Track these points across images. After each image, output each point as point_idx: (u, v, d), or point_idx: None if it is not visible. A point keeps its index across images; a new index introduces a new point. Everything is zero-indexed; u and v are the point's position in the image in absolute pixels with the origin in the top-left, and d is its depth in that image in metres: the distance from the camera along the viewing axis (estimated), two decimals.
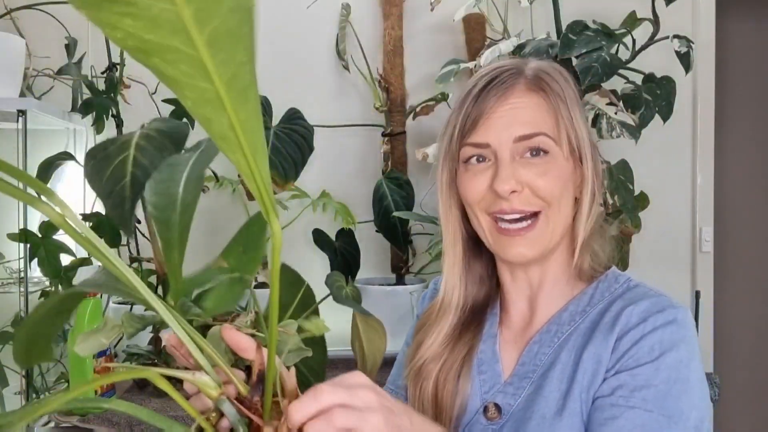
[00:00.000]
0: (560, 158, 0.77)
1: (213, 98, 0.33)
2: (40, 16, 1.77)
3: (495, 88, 0.77)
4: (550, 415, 0.74)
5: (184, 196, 0.49)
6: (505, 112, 0.76)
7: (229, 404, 0.49)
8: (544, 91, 0.77)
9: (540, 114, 0.76)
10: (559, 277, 0.82)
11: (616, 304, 0.77)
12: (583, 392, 0.73)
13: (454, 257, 0.85)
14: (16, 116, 1.60)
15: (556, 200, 0.76)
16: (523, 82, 0.78)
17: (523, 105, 0.76)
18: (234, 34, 0.31)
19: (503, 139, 0.76)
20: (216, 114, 0.34)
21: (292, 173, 1.63)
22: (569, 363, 0.76)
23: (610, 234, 0.86)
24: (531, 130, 0.75)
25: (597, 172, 0.80)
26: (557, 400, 0.75)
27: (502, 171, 0.75)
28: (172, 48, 0.31)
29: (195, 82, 0.32)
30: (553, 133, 0.76)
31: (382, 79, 2.05)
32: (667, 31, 1.76)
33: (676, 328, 0.72)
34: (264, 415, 0.49)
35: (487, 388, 0.81)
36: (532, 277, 0.83)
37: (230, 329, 0.52)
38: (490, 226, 0.79)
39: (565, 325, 0.80)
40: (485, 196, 0.77)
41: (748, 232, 2.64)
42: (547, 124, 0.76)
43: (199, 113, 0.34)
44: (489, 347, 0.84)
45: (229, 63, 0.32)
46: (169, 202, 0.48)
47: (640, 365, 0.71)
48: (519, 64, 0.81)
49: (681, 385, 0.70)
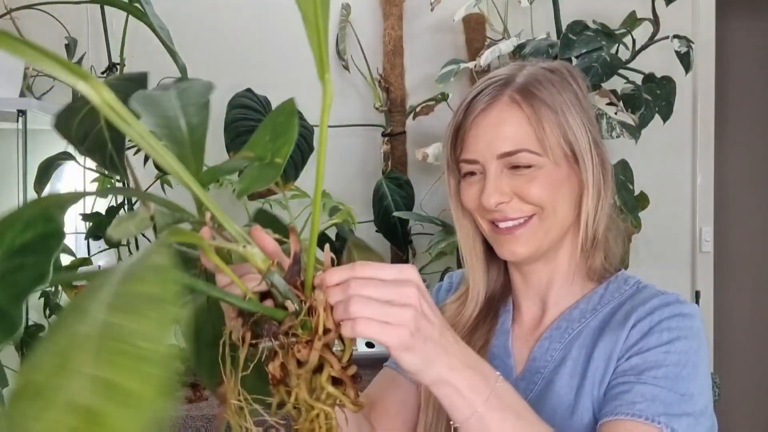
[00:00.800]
0: (548, 166, 0.77)
1: None
2: (40, 16, 1.77)
3: (479, 102, 0.79)
4: (562, 410, 0.76)
5: (189, 119, 0.48)
6: (488, 129, 0.78)
7: (279, 276, 0.49)
8: (529, 102, 0.77)
9: (521, 128, 0.77)
10: (569, 275, 0.84)
11: (626, 304, 0.79)
12: (594, 388, 0.75)
13: (474, 252, 0.87)
14: (16, 116, 1.60)
15: (548, 204, 0.77)
16: (507, 95, 0.78)
17: (504, 120, 0.77)
18: None
19: (488, 155, 0.78)
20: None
21: (292, 173, 1.63)
22: (580, 359, 0.78)
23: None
24: (512, 147, 0.77)
25: (605, 170, 0.80)
26: (568, 395, 0.76)
27: (488, 185, 0.77)
28: None
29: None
30: (536, 146, 0.77)
31: (382, 79, 2.05)
32: (667, 31, 1.76)
33: (684, 319, 0.74)
34: (306, 291, 0.50)
35: None
36: (541, 276, 0.84)
37: (259, 229, 0.51)
38: (488, 228, 0.81)
39: (575, 322, 0.81)
40: (479, 206, 0.80)
41: (748, 232, 2.64)
42: (530, 138, 0.77)
43: None
44: (501, 342, 0.86)
45: None
46: (168, 121, 0.48)
47: (650, 349, 0.73)
48: (511, 72, 0.81)
49: (691, 369, 0.72)
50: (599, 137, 0.82)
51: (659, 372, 0.71)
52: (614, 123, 1.64)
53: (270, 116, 0.51)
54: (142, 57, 1.93)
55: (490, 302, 0.88)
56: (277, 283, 0.49)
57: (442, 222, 1.82)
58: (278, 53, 2.10)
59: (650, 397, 0.70)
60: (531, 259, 0.82)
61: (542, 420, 0.64)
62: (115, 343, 0.25)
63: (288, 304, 0.49)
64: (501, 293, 0.90)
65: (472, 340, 0.85)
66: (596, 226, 0.80)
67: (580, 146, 0.78)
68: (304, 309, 0.49)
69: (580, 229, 0.80)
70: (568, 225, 0.80)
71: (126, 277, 0.30)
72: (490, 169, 0.78)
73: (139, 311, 0.27)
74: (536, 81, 0.79)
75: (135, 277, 0.30)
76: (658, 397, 0.70)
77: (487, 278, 0.88)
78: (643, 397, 0.70)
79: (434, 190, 2.02)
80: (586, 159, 0.78)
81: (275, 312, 0.49)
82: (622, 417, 0.69)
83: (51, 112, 1.78)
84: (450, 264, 1.91)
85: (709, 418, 0.73)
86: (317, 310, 0.49)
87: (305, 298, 0.50)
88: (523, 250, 0.79)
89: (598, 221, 0.80)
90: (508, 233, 0.79)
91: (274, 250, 0.51)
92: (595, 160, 0.79)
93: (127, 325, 0.26)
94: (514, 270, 0.87)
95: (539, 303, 0.85)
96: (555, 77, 0.80)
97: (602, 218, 0.80)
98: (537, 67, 0.82)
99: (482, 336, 0.86)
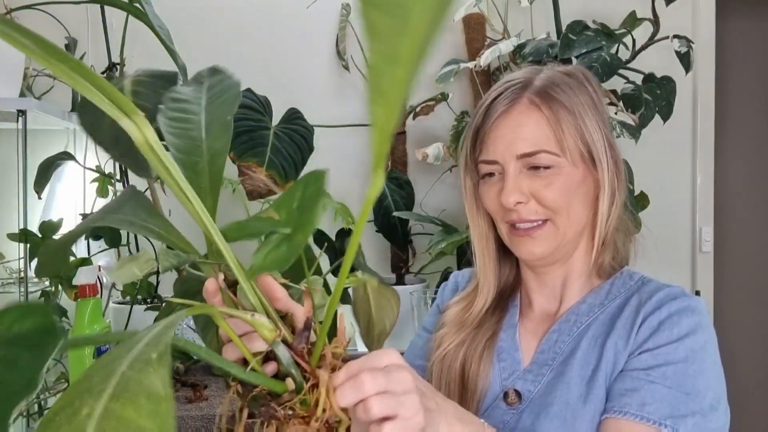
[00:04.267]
0: (566, 167, 0.80)
1: (403, 51, 0.32)
2: (40, 16, 1.77)
3: (499, 105, 0.81)
4: (574, 401, 0.77)
5: (211, 143, 0.47)
6: (508, 131, 0.81)
7: (284, 347, 0.49)
8: (548, 104, 0.80)
9: (540, 130, 0.79)
10: (581, 273, 0.86)
11: (633, 298, 0.81)
12: (606, 380, 0.77)
13: (488, 251, 0.90)
14: (16, 116, 1.59)
15: (563, 209, 0.80)
16: (526, 97, 0.81)
17: (524, 122, 0.80)
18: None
19: (507, 156, 0.80)
20: (389, 68, 0.33)
21: (292, 173, 1.63)
22: (591, 351, 0.80)
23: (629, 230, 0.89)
24: (531, 148, 0.79)
25: (618, 170, 0.83)
26: (580, 386, 0.78)
27: (507, 184, 0.80)
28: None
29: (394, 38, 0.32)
30: (555, 147, 0.79)
31: None
32: (667, 31, 1.76)
33: (691, 314, 0.76)
34: (312, 362, 0.49)
35: (506, 375, 0.85)
36: (555, 275, 0.87)
37: (267, 276, 0.52)
38: (506, 230, 0.84)
39: (584, 315, 0.83)
40: (499, 207, 0.82)
41: (748, 232, 2.64)
42: (549, 139, 0.79)
43: (378, 67, 0.33)
44: (509, 336, 0.88)
45: (435, 17, 0.31)
46: (193, 146, 0.47)
47: (659, 346, 0.75)
48: (529, 75, 0.84)
49: (698, 365, 0.74)
50: (613, 139, 0.84)
51: (668, 370, 0.73)
52: (614, 123, 1.64)
53: (303, 180, 0.49)
54: (142, 57, 1.93)
55: (500, 297, 0.91)
56: (281, 356, 0.49)
57: (442, 222, 1.82)
58: (279, 53, 2.10)
59: (659, 398, 0.72)
60: (548, 260, 0.84)
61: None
62: None
63: (288, 382, 0.49)
64: (511, 289, 0.92)
65: (479, 333, 0.88)
66: (609, 225, 0.83)
67: (596, 148, 0.81)
68: (305, 387, 0.49)
69: (597, 228, 0.82)
70: (583, 225, 0.83)
71: (118, 392, 0.29)
72: (510, 169, 0.80)
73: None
74: (554, 84, 0.81)
75: (127, 397, 0.29)
76: (665, 398, 0.72)
77: (498, 275, 0.91)
78: (652, 398, 0.72)
79: (434, 190, 2.02)
80: (603, 160, 0.81)
81: (276, 385, 0.49)
82: (630, 417, 0.72)
83: (51, 112, 1.78)
84: (450, 264, 1.91)
85: (722, 413, 0.74)
86: (319, 390, 0.48)
87: (310, 370, 0.49)
88: (540, 250, 0.81)
89: (611, 221, 0.83)
90: (526, 234, 0.81)
91: (281, 296, 0.52)
92: (610, 162, 0.82)
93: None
94: (527, 268, 0.90)
95: (553, 300, 0.88)
96: (572, 81, 0.83)
97: (614, 218, 0.83)
98: (554, 70, 0.84)
99: (490, 328, 0.88)
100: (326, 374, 0.49)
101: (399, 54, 0.33)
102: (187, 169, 0.47)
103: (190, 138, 0.48)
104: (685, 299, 0.78)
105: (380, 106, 0.35)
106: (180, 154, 0.47)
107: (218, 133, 0.48)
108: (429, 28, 0.32)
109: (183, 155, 0.47)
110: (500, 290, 0.91)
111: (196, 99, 0.51)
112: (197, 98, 0.51)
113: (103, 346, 1.52)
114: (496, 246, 0.89)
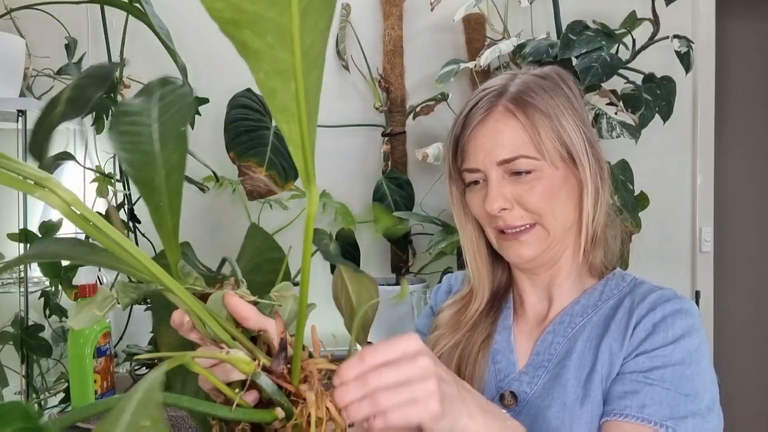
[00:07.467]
0: (547, 170, 0.80)
1: (286, 68, 0.35)
2: (40, 16, 1.77)
3: (476, 114, 0.83)
4: (571, 403, 0.78)
5: (167, 156, 0.45)
6: (486, 139, 0.82)
7: (266, 377, 0.47)
8: (523, 109, 0.80)
9: (517, 135, 0.80)
10: (571, 272, 0.87)
11: (626, 299, 0.82)
12: (603, 382, 0.77)
13: (480, 256, 0.91)
14: (16, 116, 1.59)
15: (547, 212, 0.81)
16: (501, 104, 0.82)
17: (500, 129, 0.81)
18: (325, 2, 0.33)
19: (488, 163, 0.81)
20: (283, 85, 0.35)
21: (292, 173, 1.63)
22: (587, 353, 0.80)
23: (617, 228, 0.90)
24: (510, 154, 0.80)
25: (601, 167, 0.83)
26: (576, 388, 0.78)
27: (490, 192, 0.81)
28: (266, 18, 0.33)
29: (275, 53, 0.34)
30: (533, 151, 0.80)
31: (382, 79, 2.05)
32: (667, 31, 1.75)
33: (685, 316, 0.77)
34: (293, 381, 0.48)
35: (501, 377, 0.85)
36: (545, 275, 0.88)
37: (233, 296, 0.49)
38: (495, 235, 0.85)
39: (578, 316, 0.84)
40: (485, 214, 0.83)
41: (748, 232, 2.64)
42: (527, 144, 0.80)
43: (267, 85, 0.36)
44: (504, 338, 0.88)
45: (312, 30, 0.33)
46: (147, 161, 0.44)
47: (656, 348, 0.75)
48: (504, 82, 0.84)
49: (695, 367, 0.74)
50: (594, 137, 0.85)
51: (666, 372, 0.73)
52: (614, 123, 1.64)
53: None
54: (142, 57, 1.93)
55: (494, 299, 0.92)
56: (265, 386, 0.47)
57: (442, 222, 1.82)
58: None
59: (658, 400, 0.72)
60: (537, 261, 0.85)
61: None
62: None
63: (278, 411, 0.47)
64: (505, 289, 0.93)
65: (474, 335, 0.88)
66: (596, 223, 0.83)
67: (575, 147, 0.81)
68: (295, 412, 0.47)
69: (582, 227, 0.83)
70: (569, 225, 0.84)
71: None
72: (492, 176, 0.81)
73: None
74: (528, 89, 0.82)
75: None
76: (664, 399, 0.72)
77: (492, 278, 0.92)
78: (651, 400, 0.72)
79: (434, 190, 2.02)
80: (583, 159, 0.81)
81: (264, 416, 0.47)
82: (631, 420, 0.72)
83: None
84: (450, 264, 1.91)
85: (717, 414, 0.75)
86: (307, 406, 0.47)
87: (294, 390, 0.48)
88: (528, 253, 0.82)
89: (598, 219, 0.83)
90: (514, 238, 0.82)
91: (249, 315, 0.50)
92: (591, 160, 0.82)
93: None
94: (519, 272, 0.91)
95: (545, 300, 0.88)
96: (546, 83, 0.83)
97: (601, 216, 0.83)
98: (528, 75, 0.85)
99: (485, 330, 0.89)
100: (312, 395, 0.47)
101: (284, 69, 0.35)
102: (144, 186, 0.44)
103: (143, 152, 0.45)
104: (677, 301, 0.78)
105: (286, 123, 0.36)
106: (133, 170, 0.44)
107: (173, 146, 0.45)
108: (311, 37, 0.34)
109: (136, 171, 0.44)
110: (494, 292, 0.92)
111: (146, 111, 0.48)
112: (147, 110, 0.49)
113: (104, 347, 1.52)
114: (488, 250, 0.90)
